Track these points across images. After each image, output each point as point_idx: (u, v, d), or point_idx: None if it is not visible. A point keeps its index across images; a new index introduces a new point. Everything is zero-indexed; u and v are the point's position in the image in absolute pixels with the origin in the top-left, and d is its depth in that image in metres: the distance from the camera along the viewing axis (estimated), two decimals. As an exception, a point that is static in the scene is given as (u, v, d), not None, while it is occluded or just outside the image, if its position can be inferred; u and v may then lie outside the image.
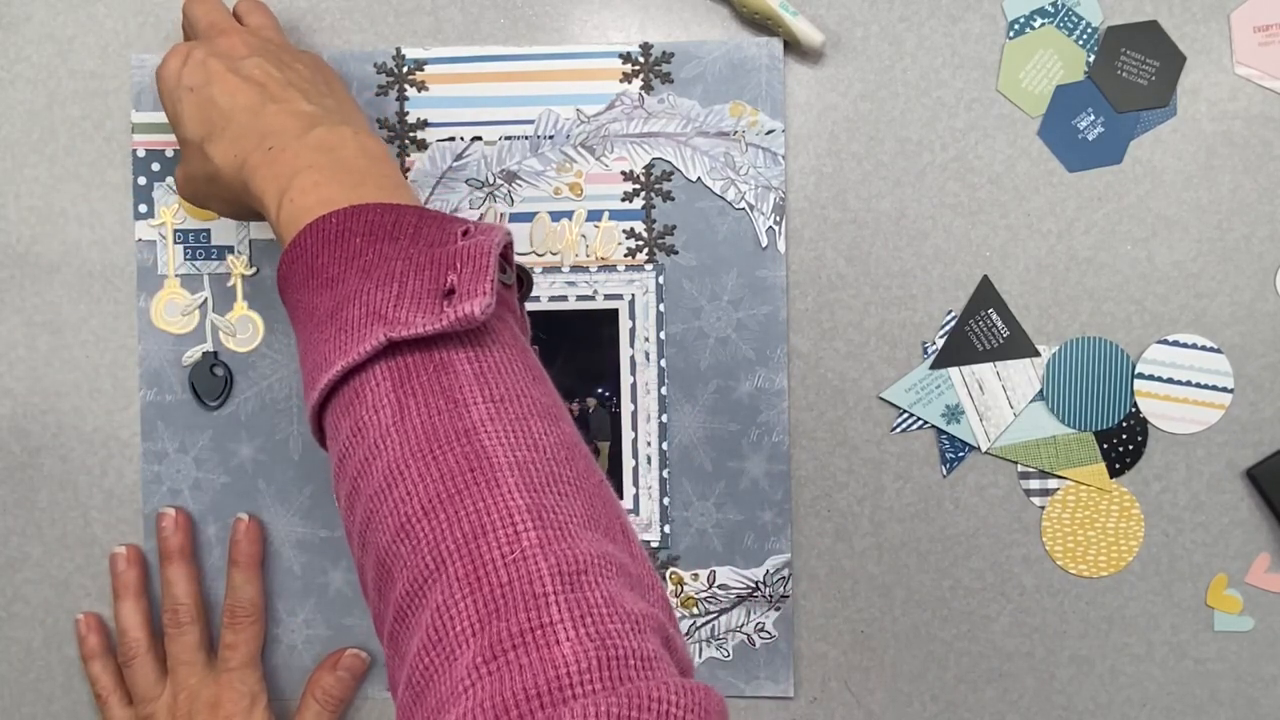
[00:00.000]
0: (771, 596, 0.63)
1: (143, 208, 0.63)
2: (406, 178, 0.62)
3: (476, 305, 0.40)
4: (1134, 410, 0.62)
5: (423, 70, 0.62)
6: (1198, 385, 0.62)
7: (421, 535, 0.38)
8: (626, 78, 0.62)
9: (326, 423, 0.43)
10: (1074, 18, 0.62)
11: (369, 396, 0.40)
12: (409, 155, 0.63)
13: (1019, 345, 0.62)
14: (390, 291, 0.41)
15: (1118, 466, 0.62)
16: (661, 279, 0.62)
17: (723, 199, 0.62)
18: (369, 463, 0.40)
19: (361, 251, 0.42)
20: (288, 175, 0.47)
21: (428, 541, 0.37)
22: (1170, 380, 0.62)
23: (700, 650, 0.63)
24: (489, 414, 0.40)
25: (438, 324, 0.40)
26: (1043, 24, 0.62)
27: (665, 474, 0.63)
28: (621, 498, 0.63)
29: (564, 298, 0.63)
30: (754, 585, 0.63)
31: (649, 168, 0.62)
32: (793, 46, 0.62)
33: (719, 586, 0.63)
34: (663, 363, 0.62)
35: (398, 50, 0.62)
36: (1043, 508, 0.63)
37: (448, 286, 0.41)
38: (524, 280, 0.49)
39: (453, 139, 0.63)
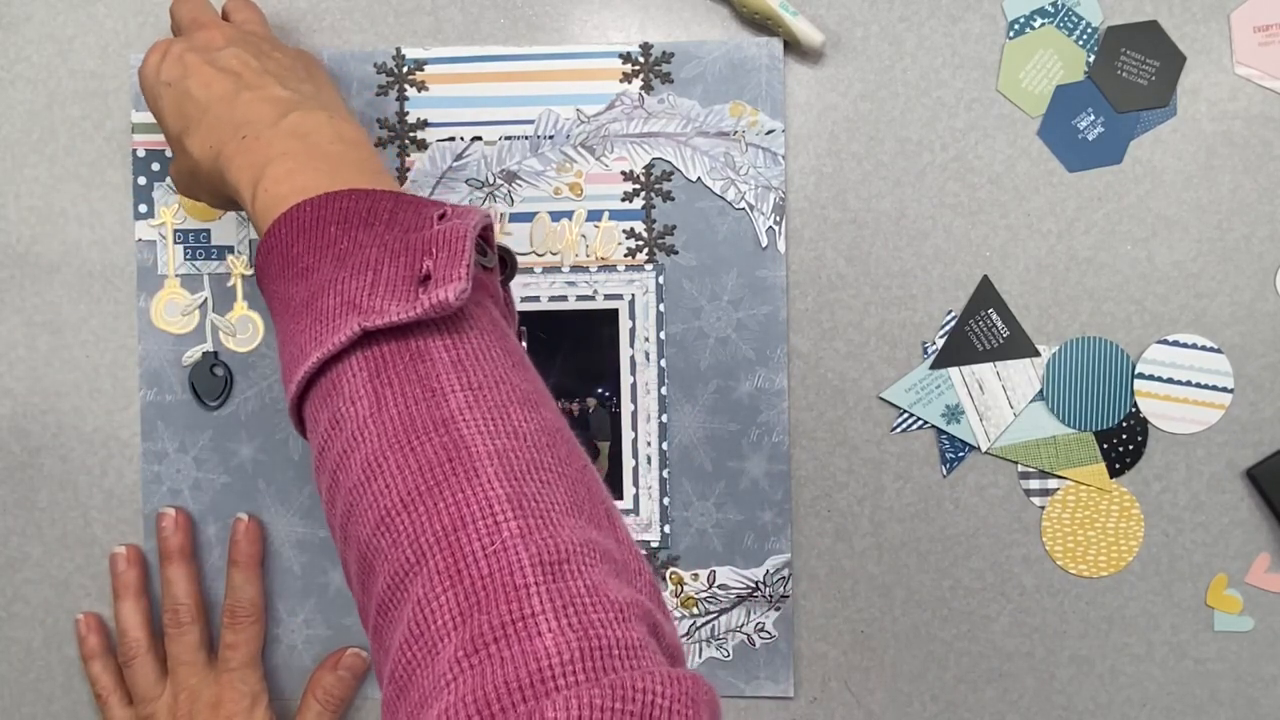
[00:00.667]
0: (771, 596, 0.63)
1: (143, 208, 0.63)
2: (407, 179, 0.62)
3: (451, 291, 0.39)
4: (1134, 410, 0.62)
5: (423, 70, 0.62)
6: (1198, 385, 0.62)
7: (401, 528, 0.37)
8: (626, 78, 0.62)
9: (306, 415, 0.42)
10: (1074, 18, 0.62)
11: (345, 387, 0.40)
12: (409, 155, 0.63)
13: (1019, 345, 0.62)
14: (365, 280, 0.40)
15: (1118, 466, 0.62)
16: (661, 279, 0.62)
17: (723, 199, 0.62)
18: (347, 455, 0.39)
19: (336, 239, 0.42)
20: (261, 164, 0.46)
21: (408, 535, 0.37)
22: (1170, 380, 0.62)
23: (700, 650, 0.63)
24: (467, 402, 0.39)
25: (412, 312, 0.39)
26: (1043, 24, 0.62)
27: (665, 474, 0.63)
28: (621, 498, 0.63)
29: (564, 298, 0.63)
30: (754, 585, 0.63)
31: (649, 168, 0.62)
32: (793, 46, 0.62)
33: (719, 586, 0.63)
34: (663, 363, 0.62)
35: (398, 50, 0.62)
36: (1043, 508, 0.63)
37: (424, 272, 0.40)
38: (508, 262, 0.48)
39: (453, 139, 0.63)
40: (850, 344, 0.63)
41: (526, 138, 0.62)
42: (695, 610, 0.63)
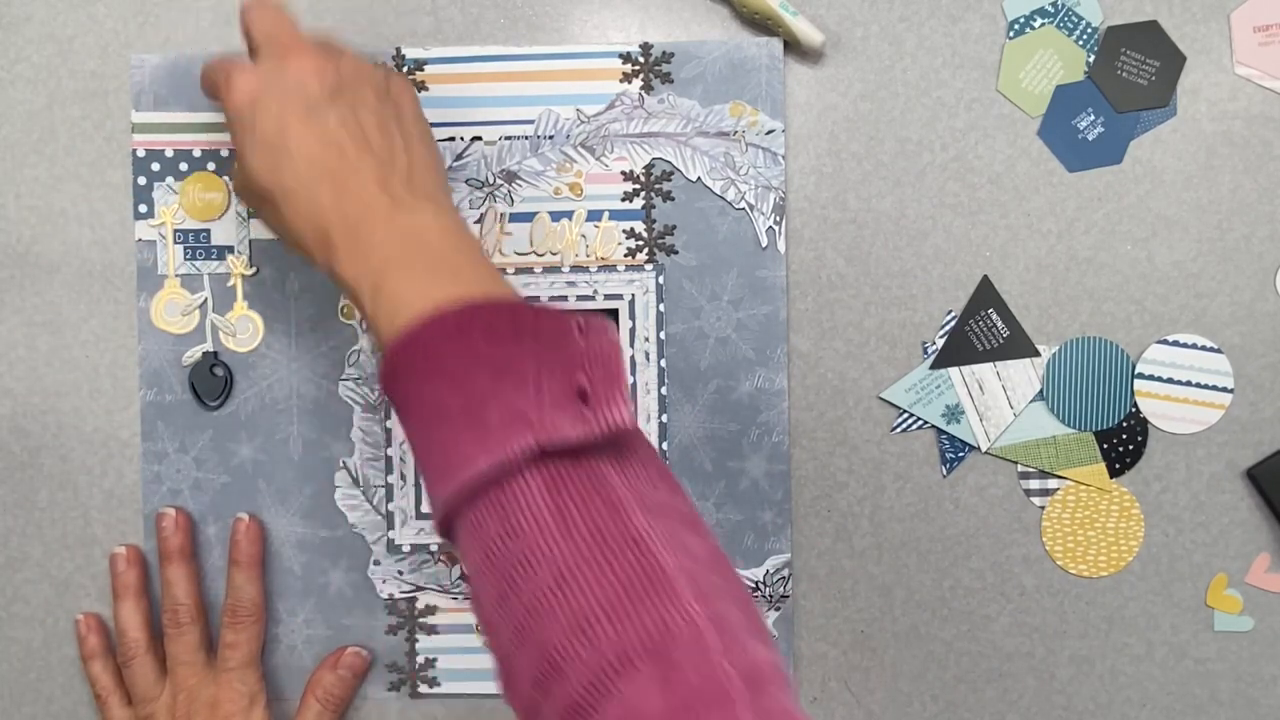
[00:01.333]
0: (772, 597, 0.63)
1: (143, 208, 0.63)
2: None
3: (624, 413, 0.41)
4: (1134, 410, 0.62)
5: (423, 70, 0.62)
6: (1198, 385, 0.62)
7: (602, 636, 0.38)
8: (626, 78, 0.62)
9: (464, 519, 0.43)
10: (1074, 18, 0.62)
11: (521, 499, 0.41)
12: (409, 155, 0.63)
13: (1019, 345, 0.62)
14: (528, 394, 0.41)
15: (1118, 466, 0.62)
16: (661, 279, 0.62)
17: (723, 199, 0.62)
18: (531, 564, 0.40)
19: (488, 351, 0.43)
20: (378, 268, 0.47)
21: (609, 642, 0.38)
22: (1170, 380, 0.62)
23: (700, 650, 0.63)
24: (648, 522, 0.41)
25: (588, 431, 0.41)
26: (1043, 24, 0.62)
27: (665, 474, 0.63)
28: (621, 498, 0.63)
29: (564, 298, 0.63)
30: (754, 585, 0.63)
31: (649, 168, 0.62)
32: (793, 46, 0.62)
33: (719, 586, 0.63)
34: (663, 363, 0.62)
35: (398, 50, 0.62)
36: (1043, 508, 0.63)
37: (580, 388, 0.42)
38: None
39: (453, 139, 0.63)
40: (850, 344, 0.63)
41: (526, 138, 0.62)
42: (695, 610, 0.63)
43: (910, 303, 0.63)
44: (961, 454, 0.63)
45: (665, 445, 0.63)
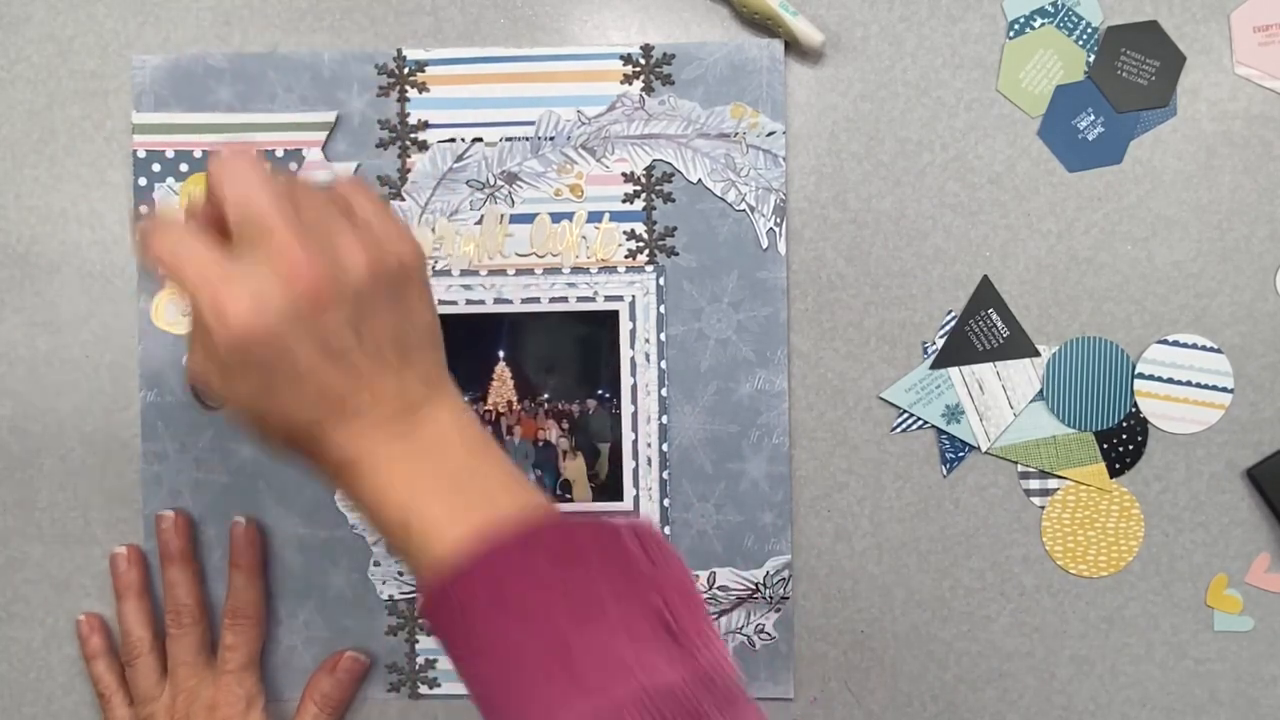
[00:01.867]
0: (771, 598, 0.63)
1: (143, 208, 0.63)
2: (408, 180, 0.62)
3: (722, 651, 0.40)
4: (1134, 410, 0.62)
5: (423, 71, 0.62)
6: (1198, 385, 0.62)
7: None
8: (627, 79, 0.62)
9: None
10: (1074, 18, 0.62)
11: None
12: (410, 156, 0.63)
13: (1019, 345, 0.62)
14: (614, 630, 0.39)
15: (1118, 466, 0.62)
16: (662, 280, 0.62)
17: (723, 201, 0.62)
18: None
19: (554, 578, 0.40)
20: (403, 501, 0.43)
21: None
22: (1170, 380, 0.62)
23: (701, 650, 0.63)
24: None
25: (688, 673, 0.39)
26: (1043, 24, 0.62)
27: (665, 475, 0.63)
28: (621, 499, 0.63)
29: (564, 299, 0.63)
30: (754, 586, 0.63)
31: (650, 169, 0.62)
32: (792, 47, 0.62)
33: (719, 588, 0.63)
34: (663, 364, 0.62)
35: (398, 51, 0.62)
36: (1043, 508, 0.63)
37: (664, 621, 0.40)
38: None
39: (453, 140, 0.63)
40: (850, 344, 0.63)
41: (527, 139, 0.62)
42: (696, 610, 0.63)
43: (910, 303, 0.63)
44: (961, 454, 0.63)
45: (666, 446, 0.63)
